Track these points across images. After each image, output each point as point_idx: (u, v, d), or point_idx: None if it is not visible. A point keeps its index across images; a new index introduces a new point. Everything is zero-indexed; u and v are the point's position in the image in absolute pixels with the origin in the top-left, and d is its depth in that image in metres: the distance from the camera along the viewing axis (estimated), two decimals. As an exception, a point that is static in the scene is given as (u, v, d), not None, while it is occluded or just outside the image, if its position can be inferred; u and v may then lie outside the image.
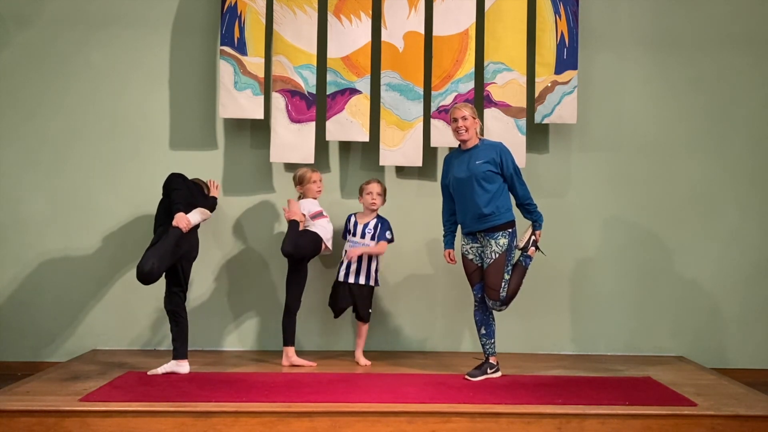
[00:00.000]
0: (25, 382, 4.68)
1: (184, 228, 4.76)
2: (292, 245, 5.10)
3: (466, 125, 4.83)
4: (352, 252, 5.26)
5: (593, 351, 5.88)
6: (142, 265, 4.59)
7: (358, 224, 5.38)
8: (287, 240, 5.11)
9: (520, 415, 4.10)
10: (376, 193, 5.35)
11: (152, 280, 4.62)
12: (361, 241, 5.31)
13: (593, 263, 5.92)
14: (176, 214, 4.79)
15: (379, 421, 4.07)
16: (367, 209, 5.38)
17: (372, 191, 5.34)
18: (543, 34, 5.73)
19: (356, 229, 5.37)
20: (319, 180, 5.37)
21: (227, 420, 4.04)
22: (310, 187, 5.34)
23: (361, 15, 5.69)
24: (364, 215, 5.41)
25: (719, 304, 5.92)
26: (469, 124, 4.84)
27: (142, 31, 5.84)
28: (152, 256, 4.62)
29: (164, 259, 4.66)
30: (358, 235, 5.34)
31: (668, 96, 5.95)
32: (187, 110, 5.87)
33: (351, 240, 5.36)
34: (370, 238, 5.32)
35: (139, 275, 4.60)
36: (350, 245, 5.34)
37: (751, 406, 4.31)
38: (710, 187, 5.94)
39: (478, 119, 4.90)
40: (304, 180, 5.34)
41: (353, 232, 5.37)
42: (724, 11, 5.95)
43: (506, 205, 4.84)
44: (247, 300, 5.86)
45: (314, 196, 5.37)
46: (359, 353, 5.37)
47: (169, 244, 4.71)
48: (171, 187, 4.92)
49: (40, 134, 5.81)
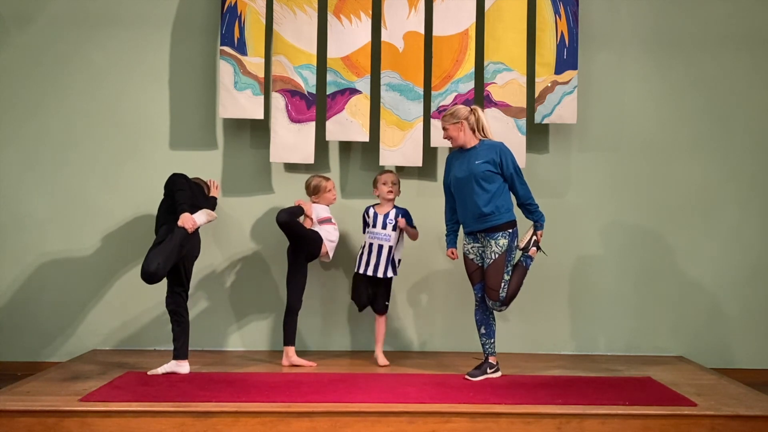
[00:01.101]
0: (25, 382, 4.68)
1: (189, 228, 4.76)
2: (287, 214, 5.10)
3: (449, 135, 4.87)
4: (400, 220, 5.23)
5: (593, 351, 5.88)
6: (147, 264, 4.59)
7: (378, 215, 5.31)
8: (284, 211, 5.12)
9: (520, 415, 4.10)
10: (391, 182, 5.31)
11: (157, 279, 4.63)
12: (383, 232, 5.25)
13: (593, 263, 5.92)
14: (182, 214, 4.78)
15: (379, 421, 4.07)
16: (384, 199, 5.34)
17: (387, 181, 5.31)
18: (543, 34, 5.73)
19: (376, 220, 5.30)
20: (333, 188, 5.41)
21: (227, 420, 4.04)
22: (326, 196, 5.38)
23: (361, 15, 5.69)
24: (382, 206, 5.36)
25: (719, 304, 5.92)
26: (452, 133, 4.85)
27: (142, 31, 5.84)
28: (157, 256, 4.62)
29: (169, 259, 4.67)
30: (378, 225, 5.28)
31: (668, 96, 5.95)
32: (187, 110, 5.87)
33: (371, 232, 5.29)
34: (392, 228, 5.27)
35: (144, 275, 4.60)
36: (370, 237, 5.29)
37: (751, 406, 4.30)
38: (710, 187, 5.94)
39: (463, 120, 4.83)
40: (320, 189, 5.36)
41: (373, 223, 5.31)
42: (724, 11, 5.95)
43: (507, 205, 4.84)
44: (247, 300, 5.86)
45: (329, 203, 5.41)
46: (379, 351, 5.32)
47: (174, 244, 4.71)
48: (175, 188, 4.92)
49: (40, 134, 5.81)
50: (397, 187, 5.35)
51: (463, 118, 4.84)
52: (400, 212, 5.32)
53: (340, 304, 5.87)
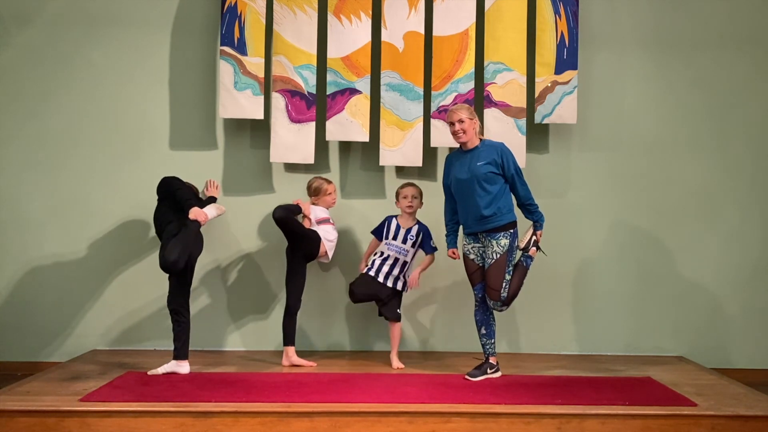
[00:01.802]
0: (25, 382, 4.68)
1: (202, 221, 4.77)
2: (284, 210, 5.09)
3: (463, 128, 4.80)
4: (414, 281, 5.22)
5: (593, 351, 5.88)
6: (168, 254, 4.63)
7: (401, 228, 5.30)
8: (281, 207, 5.11)
9: (520, 415, 4.10)
10: (411, 196, 5.29)
11: (177, 269, 4.68)
12: (402, 246, 5.24)
13: (593, 263, 5.92)
14: (192, 208, 4.78)
15: (379, 421, 4.07)
16: (405, 213, 5.34)
17: (408, 195, 5.29)
18: (543, 34, 5.73)
19: (398, 233, 5.29)
20: (333, 191, 5.41)
21: (227, 420, 4.04)
22: (325, 198, 5.38)
23: (361, 15, 5.69)
24: (405, 219, 5.33)
25: (719, 304, 5.92)
26: (467, 127, 4.80)
27: (142, 31, 5.84)
28: (176, 246, 4.65)
29: (185, 249, 4.70)
30: (399, 239, 5.27)
31: (668, 96, 5.95)
32: (187, 110, 5.87)
33: (390, 243, 5.28)
34: (411, 245, 5.27)
35: (166, 263, 4.64)
36: (388, 247, 5.27)
37: (751, 406, 4.31)
38: (710, 187, 5.94)
39: (476, 119, 4.87)
40: (320, 192, 5.36)
41: (395, 235, 5.29)
42: (724, 11, 5.95)
43: (508, 206, 4.83)
44: (247, 300, 5.86)
45: (328, 206, 5.40)
46: (393, 355, 5.28)
47: (190, 236, 4.75)
48: (172, 188, 4.93)
49: (40, 134, 5.81)
50: (417, 200, 5.32)
51: (476, 116, 4.88)
52: (422, 230, 5.31)
53: (339, 304, 5.87)
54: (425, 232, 5.32)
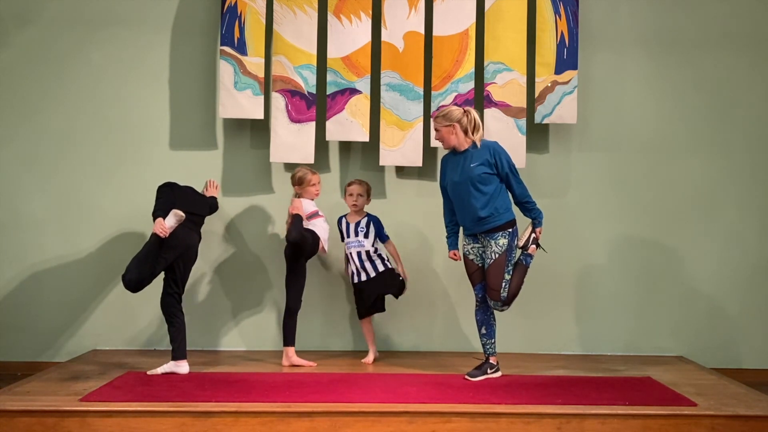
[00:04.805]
0: (25, 382, 4.68)
1: (160, 233, 4.77)
2: (298, 232, 5.08)
3: (439, 137, 4.83)
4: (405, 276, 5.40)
5: (593, 351, 5.88)
6: (124, 274, 4.77)
7: (350, 224, 5.41)
8: (293, 228, 5.10)
9: (520, 415, 4.10)
10: (357, 194, 5.37)
11: (135, 287, 4.77)
12: (356, 240, 5.34)
13: (593, 263, 5.92)
14: (155, 221, 4.82)
15: (379, 421, 4.07)
16: (351, 210, 5.43)
17: (353, 193, 5.39)
18: (543, 34, 5.73)
19: (349, 230, 5.40)
20: (318, 182, 5.37)
21: (227, 420, 4.04)
22: (309, 189, 5.33)
23: (361, 15, 5.69)
24: (353, 216, 5.44)
25: (719, 304, 5.92)
26: (443, 135, 4.79)
27: (142, 31, 5.84)
28: (132, 265, 4.76)
29: (143, 265, 4.75)
30: (352, 234, 5.38)
31: (668, 96, 5.95)
32: (187, 110, 5.87)
33: (348, 243, 5.39)
34: (363, 236, 5.35)
35: (124, 284, 4.78)
36: (348, 247, 5.39)
37: (751, 406, 4.30)
38: (710, 187, 5.94)
39: (456, 124, 4.73)
40: (304, 182, 5.32)
41: (348, 233, 5.40)
42: (724, 11, 5.95)
43: (505, 205, 4.82)
44: (246, 300, 5.86)
45: (312, 197, 5.37)
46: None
47: (146, 251, 4.80)
48: (156, 197, 5.00)
49: (40, 134, 5.81)
50: (363, 198, 5.38)
51: (456, 120, 4.75)
52: (371, 220, 5.39)
53: (339, 304, 5.87)
54: (375, 222, 5.40)
